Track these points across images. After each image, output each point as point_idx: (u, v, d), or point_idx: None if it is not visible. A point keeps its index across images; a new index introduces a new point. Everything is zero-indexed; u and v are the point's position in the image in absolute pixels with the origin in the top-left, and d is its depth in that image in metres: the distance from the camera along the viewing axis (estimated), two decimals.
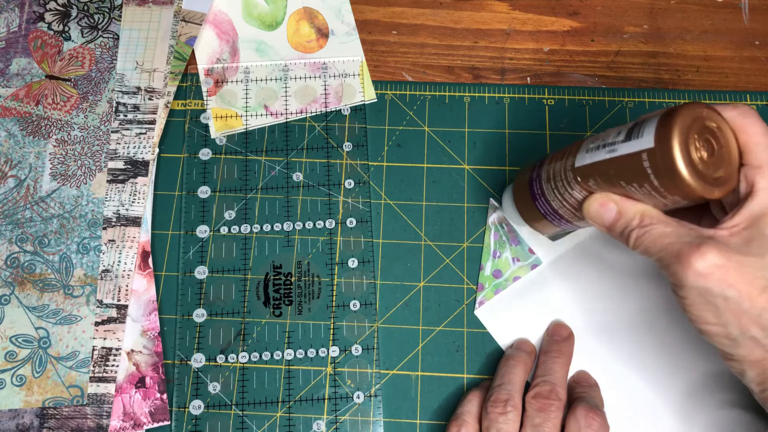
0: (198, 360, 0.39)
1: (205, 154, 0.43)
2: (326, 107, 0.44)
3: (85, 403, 0.38)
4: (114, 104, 0.44)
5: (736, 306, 0.25)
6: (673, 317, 0.39)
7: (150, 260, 0.41)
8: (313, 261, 0.41)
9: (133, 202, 0.42)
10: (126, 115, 0.44)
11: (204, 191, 0.42)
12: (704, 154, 0.26)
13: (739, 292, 0.25)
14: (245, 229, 0.42)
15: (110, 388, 0.38)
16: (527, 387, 0.36)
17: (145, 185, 0.42)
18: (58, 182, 0.42)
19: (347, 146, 0.43)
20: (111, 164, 0.43)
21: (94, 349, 0.39)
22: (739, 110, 0.27)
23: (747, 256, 0.25)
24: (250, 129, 0.44)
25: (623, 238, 0.29)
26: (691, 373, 0.38)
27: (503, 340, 0.39)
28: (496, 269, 0.40)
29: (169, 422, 0.38)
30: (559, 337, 0.38)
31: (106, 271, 0.40)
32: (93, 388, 0.38)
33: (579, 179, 0.30)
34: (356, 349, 0.39)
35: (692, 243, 0.26)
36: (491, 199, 0.42)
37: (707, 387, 0.37)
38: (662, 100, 0.44)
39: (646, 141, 0.26)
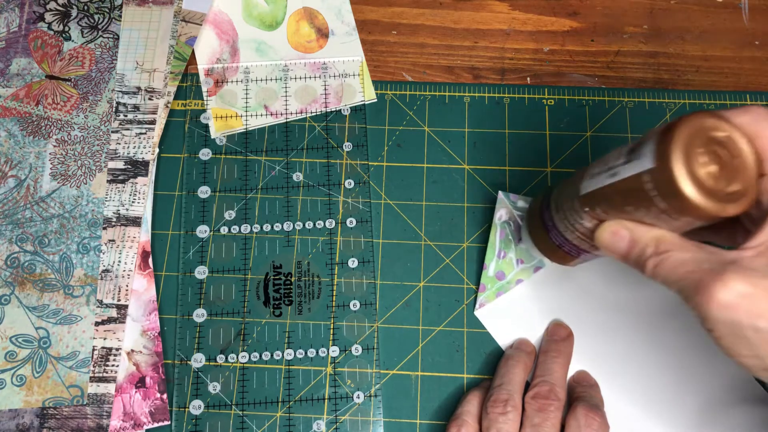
0: (198, 360, 0.39)
1: (205, 154, 0.43)
2: (326, 107, 0.44)
3: (85, 403, 0.38)
4: (114, 104, 0.44)
5: None
6: (674, 318, 0.39)
7: (150, 260, 0.41)
8: (313, 261, 0.41)
9: (133, 202, 0.42)
10: (126, 115, 0.44)
11: (204, 191, 0.42)
12: (712, 169, 0.23)
13: None
14: (245, 229, 0.42)
15: (110, 388, 0.38)
16: (527, 387, 0.36)
17: (145, 185, 0.42)
18: (58, 182, 0.42)
19: (347, 146, 0.43)
20: (111, 164, 0.43)
21: (94, 349, 0.39)
22: (752, 114, 0.24)
23: None
24: (250, 129, 0.44)
25: (640, 268, 0.27)
26: (693, 372, 0.38)
27: (503, 340, 0.39)
28: (499, 270, 0.40)
29: (169, 422, 0.38)
30: (558, 337, 0.38)
31: (106, 271, 0.40)
32: (93, 388, 0.38)
33: (586, 208, 0.28)
34: (356, 349, 0.39)
35: (713, 271, 0.23)
36: (500, 192, 0.41)
37: (709, 386, 0.37)
38: (662, 100, 0.44)
39: (645, 161, 0.24)
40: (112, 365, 0.38)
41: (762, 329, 0.23)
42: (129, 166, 0.42)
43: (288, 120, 0.44)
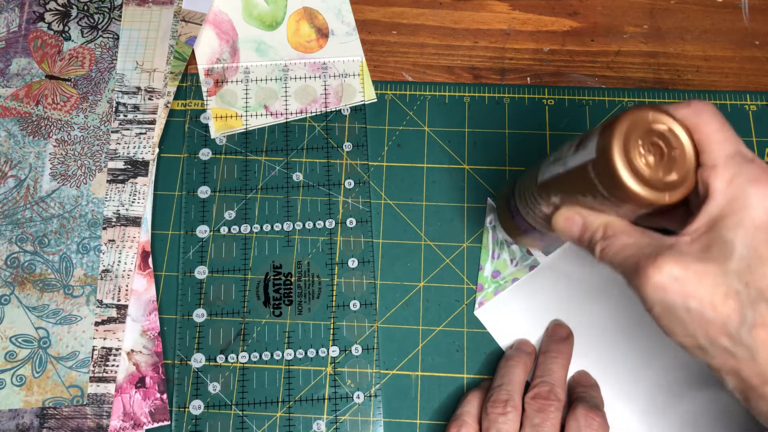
0: (198, 360, 0.39)
1: (205, 154, 0.43)
2: (326, 107, 0.44)
3: (85, 403, 0.38)
4: (114, 104, 0.44)
5: (700, 316, 0.24)
6: None
7: (150, 260, 0.41)
8: (313, 261, 0.41)
9: (133, 202, 0.42)
10: (126, 115, 0.44)
11: (204, 191, 0.42)
12: (651, 159, 0.25)
13: (701, 302, 0.24)
14: (245, 229, 0.42)
15: (110, 388, 0.38)
16: (527, 387, 0.36)
17: (145, 185, 0.42)
18: (58, 182, 0.42)
19: (347, 146, 0.43)
20: (111, 164, 0.43)
21: (94, 349, 0.39)
22: (692, 108, 0.26)
23: (707, 263, 0.24)
24: (250, 129, 0.44)
25: (590, 251, 0.28)
26: (693, 372, 0.38)
27: (503, 340, 0.39)
28: (495, 270, 0.40)
29: (169, 422, 0.38)
30: (558, 337, 0.38)
31: (106, 271, 0.40)
32: (93, 388, 0.38)
33: (543, 195, 0.30)
34: (356, 349, 0.39)
35: (650, 255, 0.25)
36: (489, 199, 0.42)
37: (709, 386, 0.38)
38: (662, 100, 0.44)
39: (589, 152, 0.26)
40: (112, 365, 0.38)
41: (693, 309, 0.24)
42: (129, 166, 0.42)
43: (288, 120, 0.44)
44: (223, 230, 0.41)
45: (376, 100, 0.45)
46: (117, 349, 0.39)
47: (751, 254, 0.24)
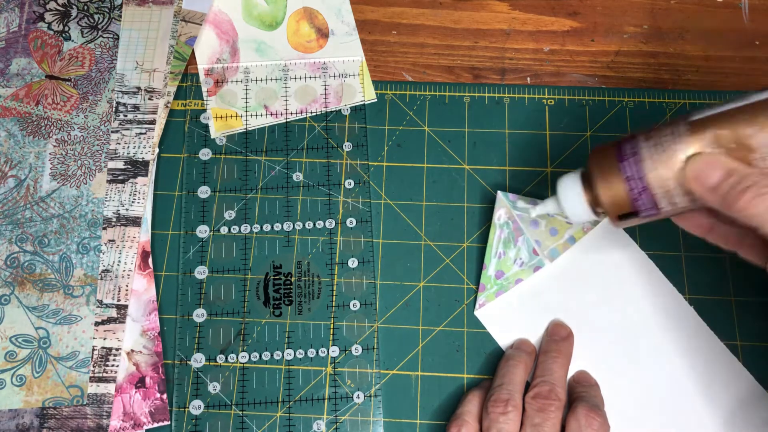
0: (198, 360, 0.39)
1: (205, 154, 0.43)
2: (326, 107, 0.44)
3: (85, 403, 0.38)
4: (114, 104, 0.44)
5: None
6: (672, 317, 0.39)
7: (150, 260, 0.41)
8: (313, 261, 0.41)
9: (133, 202, 0.42)
10: (126, 115, 0.44)
11: (204, 191, 0.42)
12: None
13: None
14: (245, 229, 0.42)
15: (110, 388, 0.38)
16: (527, 387, 0.36)
17: (145, 185, 0.42)
18: (58, 182, 0.42)
19: (347, 146, 0.43)
20: (111, 164, 0.43)
21: (94, 349, 0.39)
22: None
23: None
24: (250, 129, 0.44)
25: (726, 201, 0.27)
26: (692, 372, 0.38)
27: (503, 340, 0.39)
28: (498, 270, 0.40)
29: (169, 422, 0.38)
30: (558, 337, 0.38)
31: (106, 271, 0.40)
32: (93, 388, 0.38)
33: (694, 131, 0.29)
34: (356, 349, 0.39)
35: None
36: (499, 192, 0.41)
37: (708, 386, 0.38)
38: (662, 100, 0.44)
39: None
40: (112, 365, 0.38)
41: None
42: (129, 166, 0.42)
43: (288, 120, 0.44)
44: (223, 230, 0.41)
45: (376, 100, 0.45)
46: (117, 349, 0.39)
47: None
